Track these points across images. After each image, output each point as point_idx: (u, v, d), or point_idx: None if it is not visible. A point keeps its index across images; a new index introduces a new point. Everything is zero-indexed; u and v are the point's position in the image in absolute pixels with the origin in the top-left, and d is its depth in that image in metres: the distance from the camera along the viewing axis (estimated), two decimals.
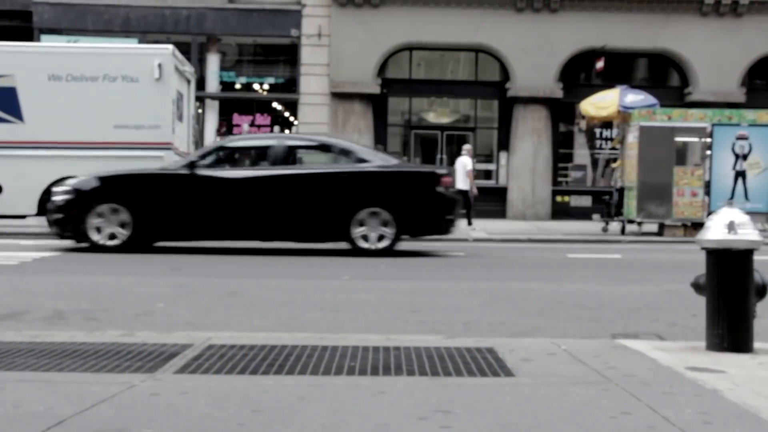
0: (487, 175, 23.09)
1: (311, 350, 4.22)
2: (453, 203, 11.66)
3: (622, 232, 17.03)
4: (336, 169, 11.57)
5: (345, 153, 11.80)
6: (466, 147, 19.34)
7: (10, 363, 3.84)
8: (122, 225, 11.03)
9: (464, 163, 18.50)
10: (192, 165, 11.31)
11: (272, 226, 11.24)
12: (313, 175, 11.45)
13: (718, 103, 21.01)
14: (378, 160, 11.59)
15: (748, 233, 4.19)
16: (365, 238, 11.12)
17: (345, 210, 11.08)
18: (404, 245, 12.20)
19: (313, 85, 22.63)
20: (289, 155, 11.68)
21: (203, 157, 11.53)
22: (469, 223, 18.46)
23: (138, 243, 11.11)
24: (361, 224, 11.09)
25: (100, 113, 14.50)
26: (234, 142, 12.47)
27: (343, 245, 11.30)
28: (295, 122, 23.41)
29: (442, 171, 11.87)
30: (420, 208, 11.28)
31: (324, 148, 12.33)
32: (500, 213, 22.42)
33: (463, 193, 18.61)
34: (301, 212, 11.19)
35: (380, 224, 11.12)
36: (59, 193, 11.35)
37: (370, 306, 6.57)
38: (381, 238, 11.13)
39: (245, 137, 12.36)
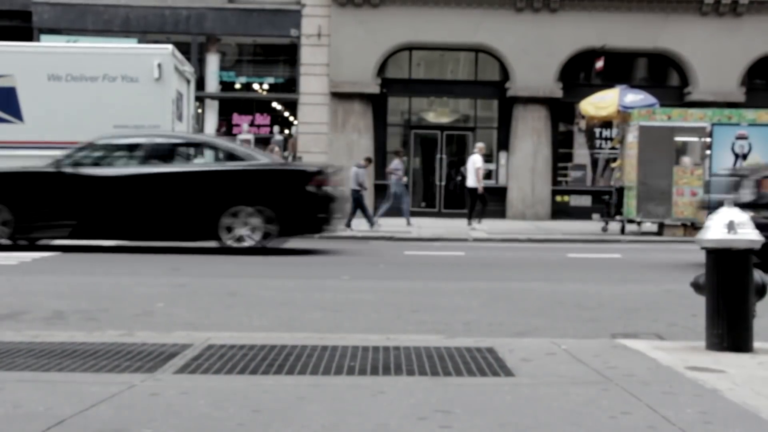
0: (487, 174, 23.07)
1: (311, 350, 4.22)
2: (326, 202, 11.54)
3: (622, 231, 17.03)
4: (204, 168, 11.57)
5: (217, 151, 11.77)
6: (479, 145, 19.46)
7: (10, 363, 3.84)
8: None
9: (474, 161, 18.63)
10: (59, 163, 11.22)
11: (138, 225, 11.19)
12: (180, 173, 11.34)
13: (717, 102, 20.99)
14: (250, 159, 11.51)
15: (747, 233, 4.19)
16: (234, 236, 11.06)
17: (213, 208, 11.01)
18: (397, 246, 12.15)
19: (312, 84, 22.62)
20: (160, 153, 11.61)
21: (71, 155, 11.41)
22: (469, 223, 18.49)
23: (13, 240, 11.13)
24: (230, 223, 11.03)
25: (100, 113, 14.48)
26: (103, 140, 12.12)
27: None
28: (295, 122, 23.40)
29: (313, 170, 11.75)
30: (290, 207, 11.18)
31: (195, 145, 12.24)
32: (500, 213, 22.39)
33: (472, 191, 18.72)
34: (168, 211, 11.12)
35: (249, 222, 11.06)
36: None
37: (370, 306, 6.57)
38: (252, 236, 11.07)
39: (115, 135, 12.22)
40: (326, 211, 11.56)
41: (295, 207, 11.22)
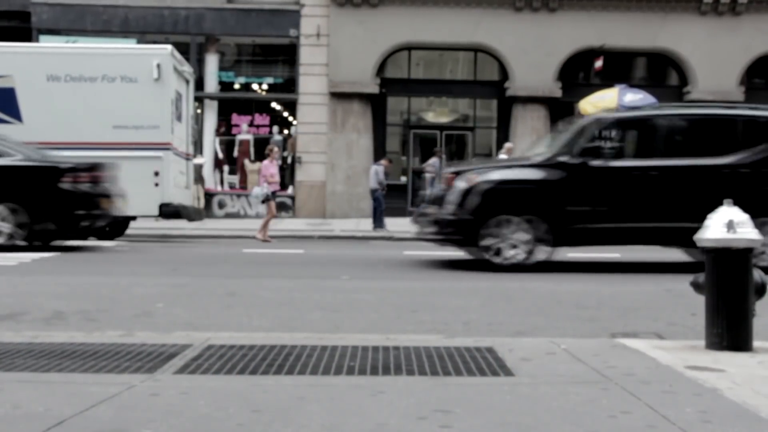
0: None
1: (311, 350, 4.22)
2: (85, 199, 11.27)
3: None
4: None
5: None
6: (506, 145, 19.42)
7: (9, 364, 3.84)
8: None
9: None
10: None
11: None
12: None
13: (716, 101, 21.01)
14: (4, 155, 11.25)
15: (747, 232, 4.19)
16: None
17: None
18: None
19: (311, 85, 22.62)
20: None
21: None
22: None
23: None
24: None
25: (99, 114, 14.50)
26: None
27: None
28: (294, 122, 23.41)
29: (67, 166, 11.33)
30: (41, 204, 11.01)
31: None
32: None
33: None
34: None
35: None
36: None
37: (370, 306, 6.56)
38: (6, 232, 10.96)
39: None
40: (86, 207, 11.29)
41: (47, 204, 11.02)
